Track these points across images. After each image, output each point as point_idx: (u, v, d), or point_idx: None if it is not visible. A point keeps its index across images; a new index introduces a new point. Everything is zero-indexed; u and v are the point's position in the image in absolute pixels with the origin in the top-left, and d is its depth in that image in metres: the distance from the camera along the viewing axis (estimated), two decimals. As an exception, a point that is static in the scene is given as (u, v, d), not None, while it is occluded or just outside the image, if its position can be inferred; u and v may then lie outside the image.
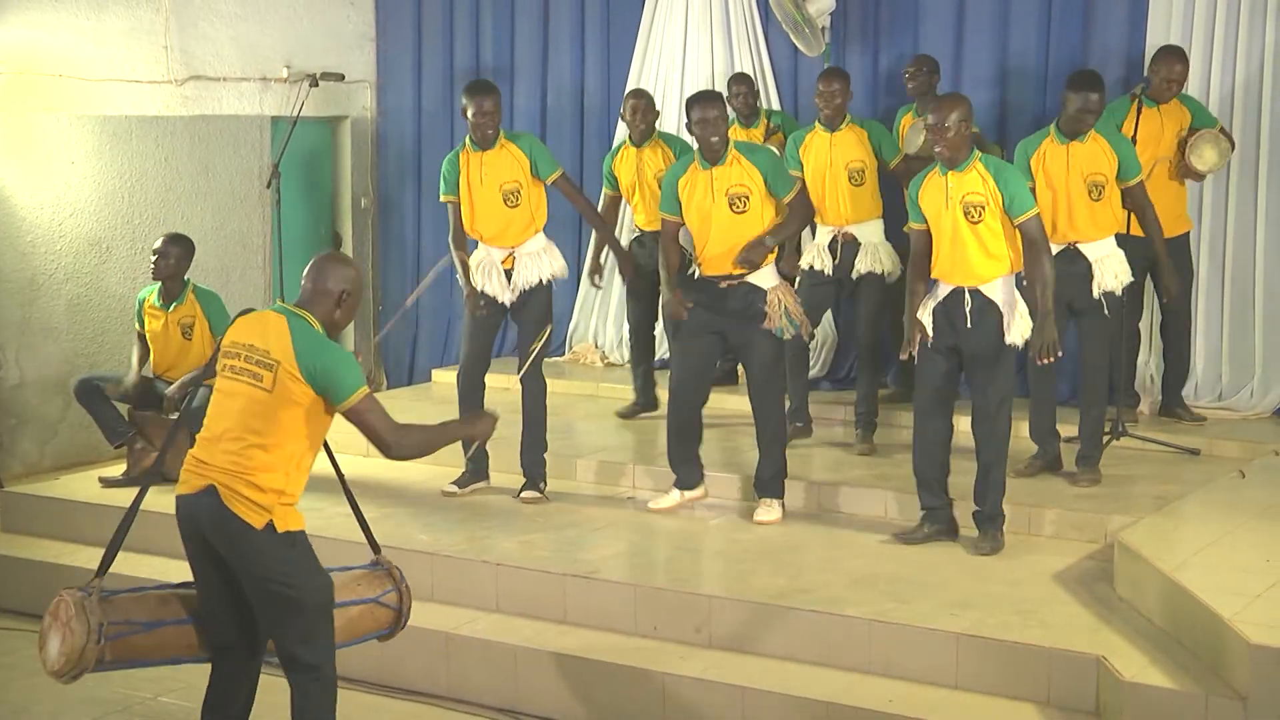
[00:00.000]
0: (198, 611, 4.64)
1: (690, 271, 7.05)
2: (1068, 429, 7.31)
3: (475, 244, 7.37)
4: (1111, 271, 6.98)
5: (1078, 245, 7.00)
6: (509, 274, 7.27)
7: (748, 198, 6.77)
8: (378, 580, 4.89)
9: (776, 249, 6.93)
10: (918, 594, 5.90)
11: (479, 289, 7.30)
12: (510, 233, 7.27)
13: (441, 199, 7.41)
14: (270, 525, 4.49)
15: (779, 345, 6.89)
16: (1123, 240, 7.49)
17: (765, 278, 6.83)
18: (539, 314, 7.34)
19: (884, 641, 5.56)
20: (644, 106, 8.41)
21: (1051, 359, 6.28)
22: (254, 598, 4.55)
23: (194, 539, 4.59)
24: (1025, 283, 6.37)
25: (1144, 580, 5.69)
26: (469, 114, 7.23)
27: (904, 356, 6.57)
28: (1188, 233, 8.00)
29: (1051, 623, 5.57)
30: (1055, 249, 6.99)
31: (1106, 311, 7.00)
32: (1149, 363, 8.31)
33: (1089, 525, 6.61)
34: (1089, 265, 6.97)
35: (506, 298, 7.28)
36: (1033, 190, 6.91)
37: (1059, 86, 8.56)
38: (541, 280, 7.29)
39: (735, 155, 6.82)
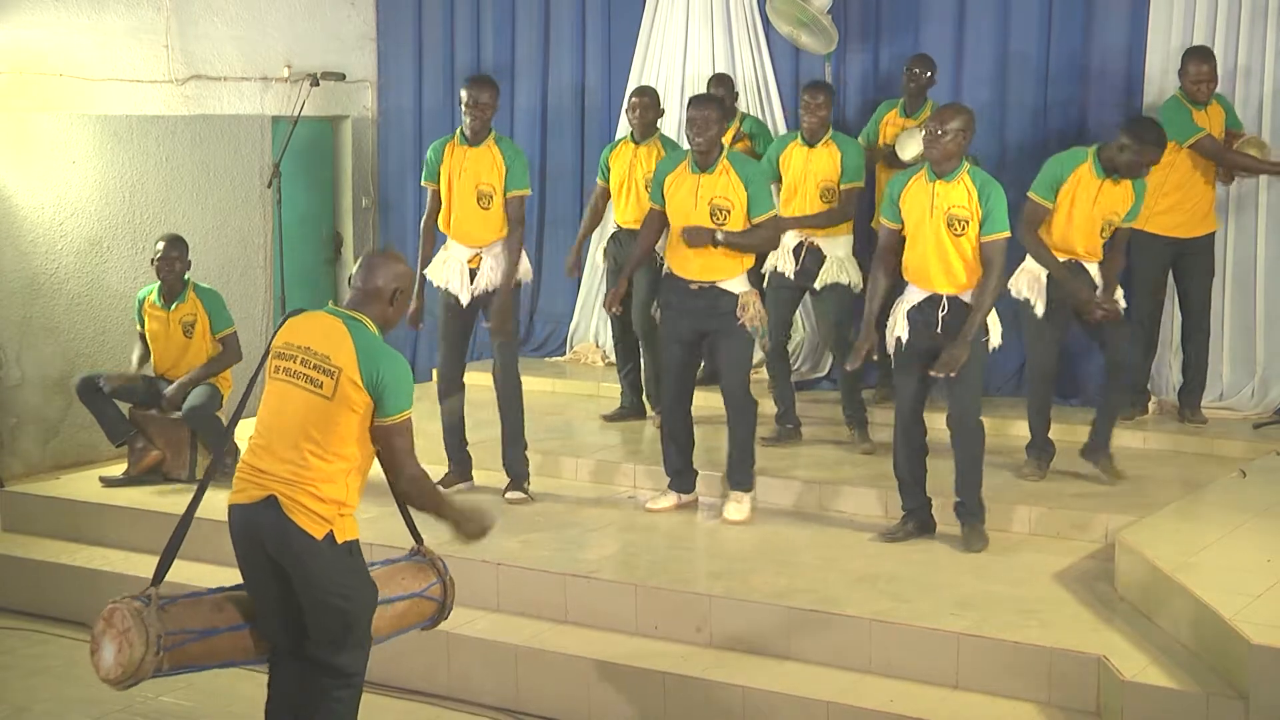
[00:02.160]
0: (252, 614, 4.59)
1: (660, 266, 7.11)
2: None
3: (444, 239, 7.38)
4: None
5: (1081, 261, 7.02)
6: (474, 274, 7.27)
7: (729, 211, 6.75)
8: (421, 572, 4.81)
9: (753, 259, 6.96)
10: (918, 594, 5.90)
11: (442, 286, 7.32)
12: (478, 233, 7.26)
13: (422, 183, 7.45)
14: (330, 536, 4.44)
15: (747, 341, 6.90)
16: (1143, 239, 7.52)
17: (735, 284, 6.84)
18: (508, 316, 7.31)
19: (884, 641, 5.56)
20: (645, 104, 8.39)
21: (946, 374, 6.26)
22: (308, 607, 4.51)
23: (251, 548, 4.52)
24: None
25: (1144, 580, 5.69)
26: (463, 105, 7.25)
27: (849, 368, 6.68)
28: (1213, 232, 7.98)
29: (1052, 623, 5.57)
30: (1061, 258, 7.01)
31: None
32: (1165, 362, 8.31)
33: (1089, 525, 6.62)
34: (1091, 278, 7.01)
35: (465, 297, 7.27)
36: (1047, 209, 6.91)
37: (1059, 86, 8.62)
38: (499, 286, 7.26)
39: (726, 165, 6.80)
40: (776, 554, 6.51)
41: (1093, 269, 7.02)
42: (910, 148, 8.02)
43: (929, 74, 8.44)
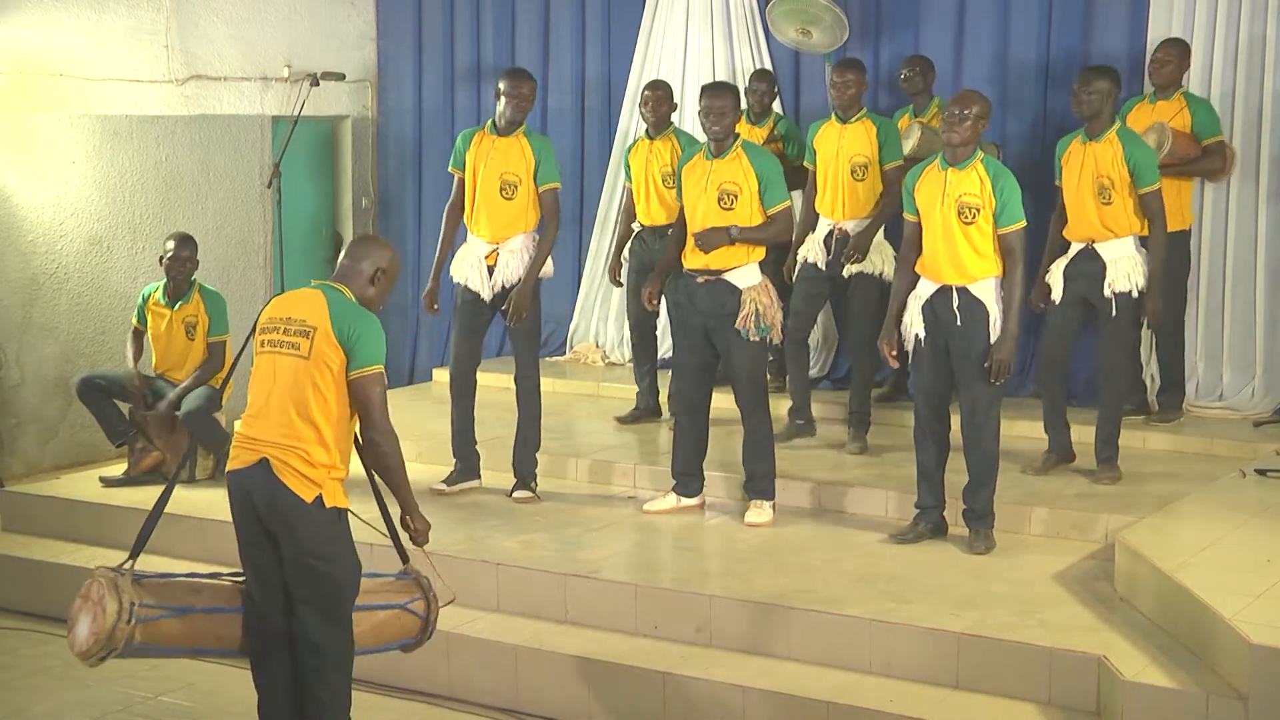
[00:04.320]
0: (231, 602, 4.68)
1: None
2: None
3: (465, 234, 7.38)
4: (1124, 273, 6.96)
5: (1095, 245, 7.02)
6: (492, 270, 7.27)
7: (737, 196, 6.73)
8: (405, 588, 4.93)
9: (763, 251, 6.89)
10: (918, 594, 5.89)
11: (461, 282, 7.31)
12: (498, 224, 7.24)
13: (449, 169, 7.45)
14: (319, 499, 4.56)
15: (760, 344, 6.88)
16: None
17: (744, 276, 6.79)
18: (529, 316, 7.31)
19: (884, 641, 5.56)
20: (658, 98, 8.29)
21: (1001, 380, 6.27)
22: (292, 572, 4.60)
23: (246, 513, 4.64)
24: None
25: (1144, 580, 5.69)
26: (502, 94, 7.21)
27: (894, 364, 6.62)
28: (1185, 230, 7.96)
29: (1051, 623, 5.56)
30: (1076, 247, 7.05)
31: (1114, 311, 6.98)
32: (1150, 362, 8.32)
33: (1089, 525, 6.62)
34: (1104, 265, 6.99)
35: (485, 293, 7.27)
36: (1058, 187, 7.04)
37: (1059, 86, 8.62)
38: (523, 277, 7.27)
39: (739, 153, 6.79)
40: (777, 554, 6.50)
41: (1105, 249, 6.97)
42: (908, 142, 8.00)
43: (919, 73, 8.43)
